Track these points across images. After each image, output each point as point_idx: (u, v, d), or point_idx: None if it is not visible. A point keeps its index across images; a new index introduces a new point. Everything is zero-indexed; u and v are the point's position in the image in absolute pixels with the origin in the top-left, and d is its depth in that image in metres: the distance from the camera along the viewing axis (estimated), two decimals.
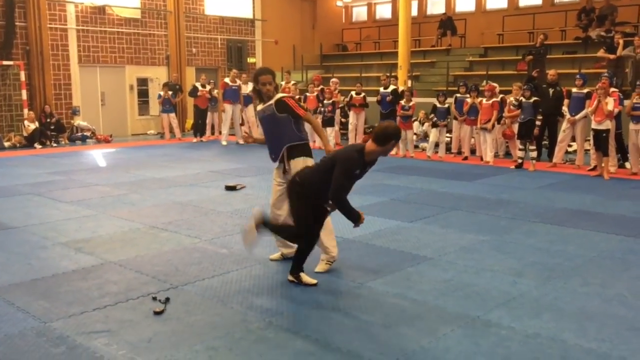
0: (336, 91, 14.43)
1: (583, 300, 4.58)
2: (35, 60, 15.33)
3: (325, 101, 13.78)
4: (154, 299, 4.55)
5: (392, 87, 13.36)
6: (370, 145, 4.64)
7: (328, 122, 13.68)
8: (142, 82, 17.99)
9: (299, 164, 5.15)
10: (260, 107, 5.39)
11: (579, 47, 16.80)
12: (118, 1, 17.00)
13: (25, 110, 15.02)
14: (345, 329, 4.07)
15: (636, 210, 7.68)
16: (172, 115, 16.07)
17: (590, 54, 15.64)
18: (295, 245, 5.50)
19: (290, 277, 4.93)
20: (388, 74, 14.61)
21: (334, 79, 14.91)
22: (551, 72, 11.78)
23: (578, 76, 11.11)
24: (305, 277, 4.89)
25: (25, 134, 14.77)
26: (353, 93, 14.11)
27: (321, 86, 14.70)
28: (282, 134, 5.22)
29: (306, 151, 5.26)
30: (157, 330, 4.02)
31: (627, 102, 11.41)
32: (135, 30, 17.44)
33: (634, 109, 10.19)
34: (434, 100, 13.01)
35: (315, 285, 4.84)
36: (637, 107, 10.15)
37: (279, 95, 5.31)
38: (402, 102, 12.72)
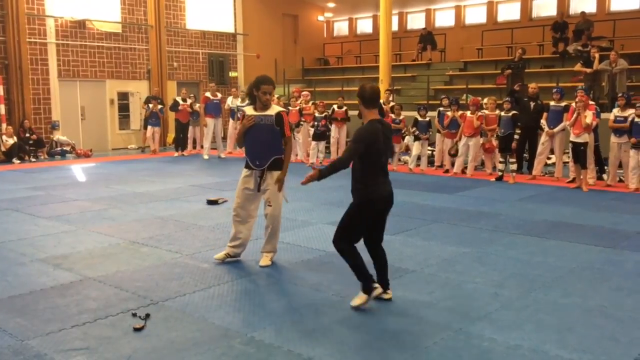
0: (309, 104, 14.43)
1: (564, 311, 4.61)
2: (13, 74, 15.17)
3: (317, 114, 13.71)
4: (134, 315, 4.49)
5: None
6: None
7: (320, 136, 13.48)
8: (123, 96, 17.87)
9: (274, 176, 5.56)
10: (251, 110, 5.60)
11: (557, 61, 17.10)
12: (99, 15, 16.92)
13: (4, 125, 14.84)
14: (327, 343, 4.04)
15: (614, 221, 7.78)
16: (157, 129, 16.08)
17: (568, 67, 15.91)
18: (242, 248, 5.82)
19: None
20: (389, 89, 14.76)
21: (304, 92, 14.97)
22: (532, 86, 11.95)
23: (555, 90, 11.27)
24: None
25: (3, 149, 14.57)
26: (335, 107, 14.16)
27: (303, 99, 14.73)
28: (273, 145, 5.57)
29: (281, 165, 5.64)
30: (136, 347, 3.97)
31: (604, 115, 11.60)
32: (116, 44, 17.36)
33: (616, 122, 10.26)
34: (415, 114, 13.11)
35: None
36: (620, 120, 10.25)
37: (278, 108, 5.66)
38: (392, 115, 12.81)
